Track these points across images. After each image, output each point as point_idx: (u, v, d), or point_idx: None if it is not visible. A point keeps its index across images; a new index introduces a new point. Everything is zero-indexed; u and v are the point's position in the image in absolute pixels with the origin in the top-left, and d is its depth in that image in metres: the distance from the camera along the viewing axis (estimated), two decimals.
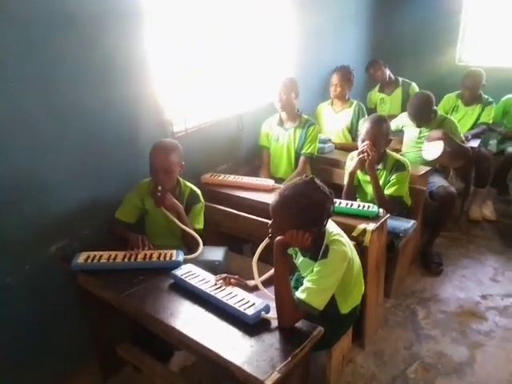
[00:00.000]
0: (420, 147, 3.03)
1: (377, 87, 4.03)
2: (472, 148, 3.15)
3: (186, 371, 2.19)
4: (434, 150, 2.89)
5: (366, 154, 2.36)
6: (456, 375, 2.15)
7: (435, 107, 3.05)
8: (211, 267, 2.13)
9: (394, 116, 3.44)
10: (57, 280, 2.04)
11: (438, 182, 2.98)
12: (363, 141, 2.41)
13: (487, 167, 3.43)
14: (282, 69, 3.27)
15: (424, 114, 2.97)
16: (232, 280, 1.74)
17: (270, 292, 1.75)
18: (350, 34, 4.13)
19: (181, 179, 2.22)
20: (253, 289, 1.81)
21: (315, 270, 1.56)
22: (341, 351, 1.98)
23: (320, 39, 3.59)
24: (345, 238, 1.66)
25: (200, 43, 2.60)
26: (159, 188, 2.05)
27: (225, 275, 1.75)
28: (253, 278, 1.75)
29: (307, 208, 1.53)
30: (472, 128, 3.53)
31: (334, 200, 1.68)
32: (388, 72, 3.92)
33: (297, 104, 2.92)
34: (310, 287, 1.52)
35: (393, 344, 2.34)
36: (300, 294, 1.53)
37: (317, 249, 1.61)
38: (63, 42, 1.88)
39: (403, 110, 3.82)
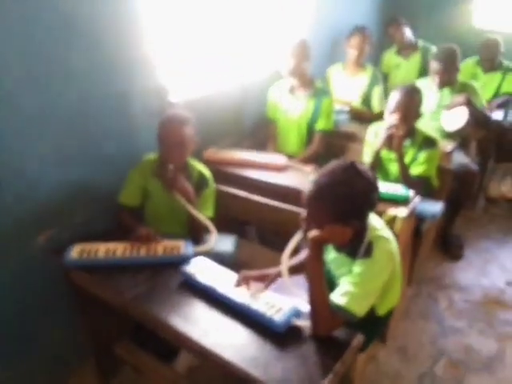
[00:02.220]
0: (439, 118, 2.77)
1: (393, 49, 3.72)
2: (495, 121, 2.91)
3: (193, 372, 1.98)
4: (456, 118, 2.62)
5: (394, 130, 2.10)
6: (486, 371, 2.00)
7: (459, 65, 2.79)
8: (220, 259, 1.90)
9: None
10: (46, 275, 1.79)
11: (457, 158, 2.75)
12: (392, 113, 2.14)
13: (510, 140, 3.19)
14: (289, 30, 2.94)
15: (453, 67, 2.71)
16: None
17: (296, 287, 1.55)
18: None
19: (189, 159, 1.95)
20: (277, 276, 1.57)
21: (357, 270, 1.33)
22: None
23: None
24: (389, 233, 1.43)
25: (199, 5, 2.26)
26: (171, 167, 1.78)
27: (244, 275, 1.51)
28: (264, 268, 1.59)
29: (347, 199, 1.28)
30: (493, 97, 3.28)
31: None
32: (409, 33, 3.59)
33: (309, 69, 2.60)
34: (351, 291, 1.30)
35: (417, 338, 2.16)
36: (338, 299, 1.30)
37: (356, 245, 1.37)
38: None
39: (420, 76, 3.56)
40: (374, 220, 1.43)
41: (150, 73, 2.03)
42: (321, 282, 1.33)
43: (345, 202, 1.28)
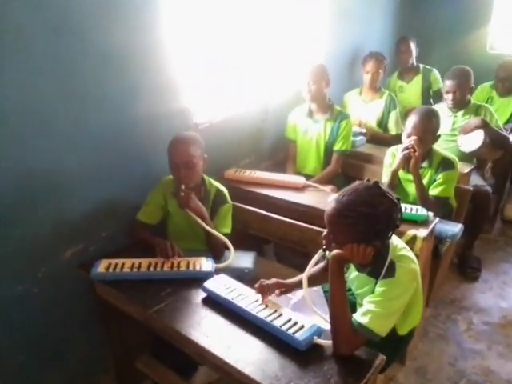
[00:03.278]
0: (454, 140, 2.79)
1: (396, 73, 3.77)
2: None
3: None
4: (471, 140, 2.63)
5: (411, 151, 2.13)
6: None
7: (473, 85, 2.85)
8: (240, 275, 1.94)
9: (413, 107, 3.17)
10: (72, 288, 1.85)
11: (473, 180, 2.76)
12: (409, 136, 2.18)
13: None
14: (309, 55, 3.02)
15: (466, 86, 2.76)
16: (276, 292, 1.55)
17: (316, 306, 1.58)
18: (376, 18, 3.85)
19: (206, 177, 2.00)
20: (293, 287, 1.65)
21: (379, 290, 1.34)
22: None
23: (346, 24, 3.34)
24: (411, 253, 1.45)
25: (222, 30, 2.35)
26: (182, 187, 1.83)
27: (261, 283, 1.55)
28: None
29: (370, 219, 1.30)
30: (508, 121, 3.30)
31: None
32: (415, 55, 3.65)
33: (328, 93, 2.67)
34: (374, 310, 1.31)
35: (436, 359, 2.14)
36: (361, 318, 1.32)
37: (378, 264, 1.39)
38: (80, 26, 1.65)
39: (424, 99, 3.62)
40: (396, 239, 1.45)
41: (175, 95, 2.11)
42: (343, 301, 1.35)
43: (367, 222, 1.30)
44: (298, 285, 1.63)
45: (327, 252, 1.50)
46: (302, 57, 2.98)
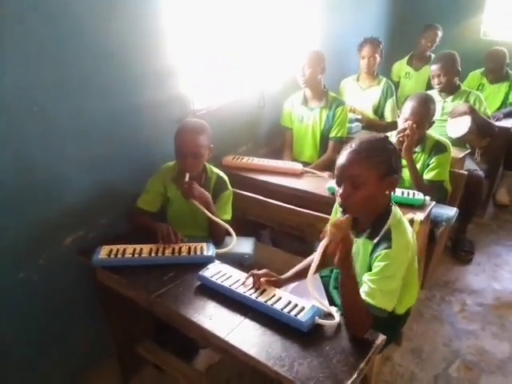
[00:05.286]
0: (444, 125, 2.80)
1: (405, 58, 3.79)
2: (504, 128, 2.96)
3: (213, 370, 2.03)
4: (459, 125, 2.66)
5: (405, 134, 2.16)
6: (500, 373, 2.03)
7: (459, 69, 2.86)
8: (240, 260, 1.97)
9: None
10: (73, 275, 1.85)
11: (466, 165, 2.79)
12: (406, 120, 2.20)
13: None
14: (305, 42, 3.03)
15: (451, 69, 2.77)
16: (262, 279, 1.53)
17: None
18: (371, 5, 3.87)
19: (207, 164, 2.01)
20: (284, 282, 1.63)
21: (378, 265, 1.35)
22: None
23: (341, 12, 3.34)
24: (408, 225, 1.47)
25: (219, 18, 2.34)
26: (186, 178, 1.83)
27: (253, 272, 1.53)
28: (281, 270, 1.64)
29: (390, 155, 1.37)
30: (500, 107, 3.34)
31: None
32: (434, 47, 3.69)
33: (323, 80, 2.68)
34: (376, 288, 1.33)
35: (431, 340, 2.20)
36: (366, 298, 1.34)
37: (377, 227, 1.42)
38: (79, 14, 1.64)
39: (427, 90, 3.62)
40: (398, 211, 1.47)
41: (173, 83, 2.11)
42: (356, 282, 1.34)
43: (386, 157, 1.36)
44: (290, 280, 1.64)
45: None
46: (298, 44, 2.97)
